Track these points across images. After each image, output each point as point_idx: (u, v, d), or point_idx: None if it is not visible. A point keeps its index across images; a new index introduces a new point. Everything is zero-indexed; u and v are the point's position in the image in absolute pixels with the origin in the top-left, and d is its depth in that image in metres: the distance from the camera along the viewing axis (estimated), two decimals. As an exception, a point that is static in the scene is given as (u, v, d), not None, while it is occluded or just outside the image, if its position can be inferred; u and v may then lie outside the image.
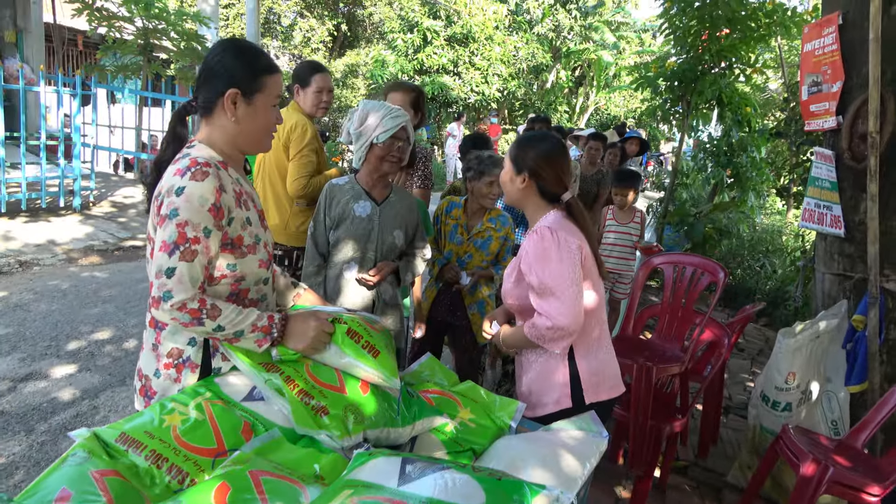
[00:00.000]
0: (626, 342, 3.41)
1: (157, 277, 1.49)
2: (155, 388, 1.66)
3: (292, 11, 22.22)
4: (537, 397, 2.08)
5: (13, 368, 3.58)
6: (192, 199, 1.49)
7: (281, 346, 1.66)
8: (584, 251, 1.98)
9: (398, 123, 2.45)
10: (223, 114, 1.62)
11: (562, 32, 19.82)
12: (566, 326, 1.88)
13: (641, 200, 15.97)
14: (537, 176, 2.02)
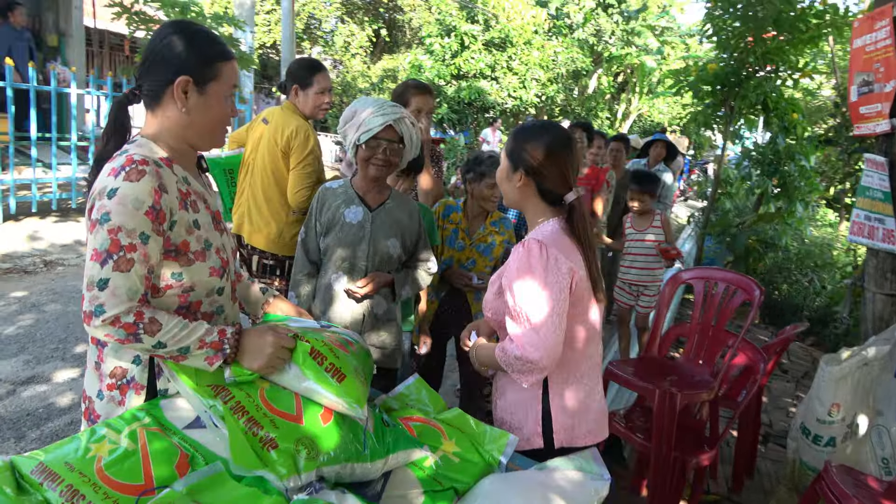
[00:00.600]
0: (651, 363, 3.14)
1: (88, 290, 1.33)
2: (98, 411, 1.50)
3: (333, 17, 22.41)
4: (509, 427, 1.85)
5: (16, 371, 3.51)
6: (126, 202, 1.33)
7: (236, 365, 1.48)
8: (576, 276, 1.71)
9: (382, 122, 2.23)
10: (172, 104, 1.46)
11: (603, 37, 19.41)
12: (536, 361, 1.63)
13: (683, 209, 15.50)
14: (536, 173, 1.76)
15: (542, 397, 1.78)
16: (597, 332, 1.86)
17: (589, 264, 1.76)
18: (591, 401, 1.84)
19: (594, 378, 1.86)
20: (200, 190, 1.56)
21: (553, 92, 15.99)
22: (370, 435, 1.55)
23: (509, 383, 1.84)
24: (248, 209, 3.03)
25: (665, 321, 3.27)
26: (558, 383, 1.79)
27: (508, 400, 1.86)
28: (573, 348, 1.77)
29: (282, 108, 3.01)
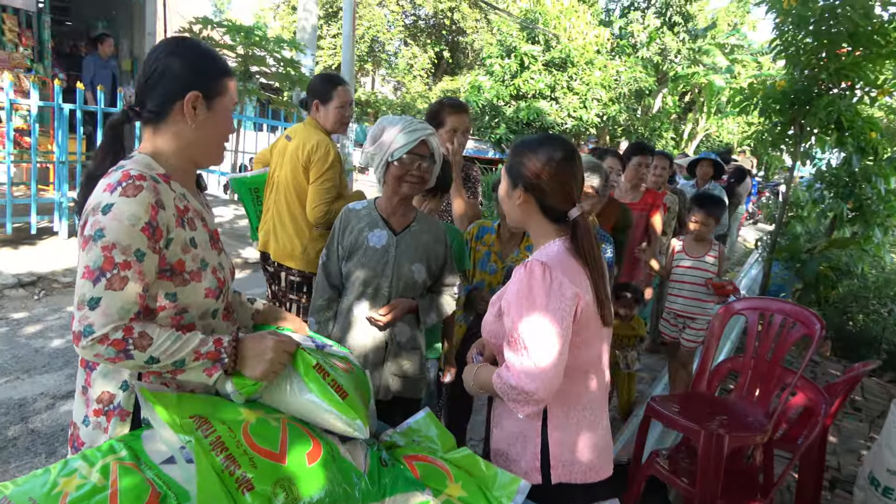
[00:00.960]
0: (698, 400, 2.90)
1: (78, 309, 1.27)
2: (83, 437, 1.45)
3: (397, 39, 22.83)
4: (505, 460, 1.72)
5: (58, 385, 3.59)
6: (122, 218, 1.28)
7: (237, 377, 1.40)
8: (581, 301, 1.57)
9: (417, 137, 2.15)
10: (180, 120, 1.42)
11: (668, 56, 18.96)
12: (531, 392, 1.50)
13: (751, 232, 14.80)
14: (536, 189, 1.63)
15: (542, 429, 1.65)
16: (603, 362, 1.73)
17: (597, 287, 1.62)
18: (593, 435, 1.70)
19: (598, 410, 1.72)
20: (199, 207, 1.51)
21: (615, 112, 15.67)
22: (363, 476, 1.44)
23: (506, 412, 1.72)
24: (273, 226, 3.04)
25: (715, 354, 3.03)
26: (558, 415, 1.66)
27: (506, 430, 1.74)
28: (575, 378, 1.64)
29: (304, 125, 3.01)
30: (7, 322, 4.48)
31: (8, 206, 5.86)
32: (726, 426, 2.55)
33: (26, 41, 8.60)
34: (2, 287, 5.08)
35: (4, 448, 2.94)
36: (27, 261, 5.70)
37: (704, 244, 3.95)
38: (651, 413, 2.72)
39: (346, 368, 1.57)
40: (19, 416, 3.23)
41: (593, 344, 1.66)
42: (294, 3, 22.04)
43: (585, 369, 1.67)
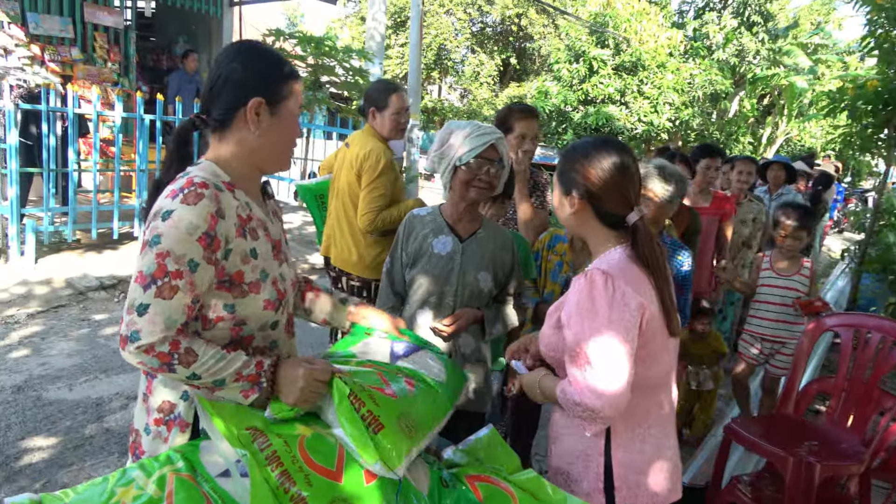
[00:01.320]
0: (784, 424, 2.69)
1: (127, 312, 1.26)
2: (144, 446, 1.45)
3: (464, 47, 22.90)
4: (566, 479, 1.61)
5: (133, 385, 3.70)
6: (180, 226, 1.26)
7: (275, 401, 1.37)
8: (646, 312, 1.46)
9: (485, 141, 2.07)
10: (244, 127, 1.40)
11: (746, 57, 18.21)
12: (597, 409, 1.40)
13: (836, 242, 13.96)
14: (591, 195, 1.53)
15: (605, 448, 1.54)
16: (670, 376, 1.60)
17: (662, 295, 1.51)
18: (660, 455, 1.57)
19: (666, 429, 1.60)
20: (262, 217, 1.47)
21: (688, 116, 15.15)
22: (423, 498, 1.37)
23: (566, 428, 1.62)
24: (333, 232, 3.09)
25: (804, 374, 2.80)
26: (622, 433, 1.54)
27: (565, 447, 1.63)
28: (642, 394, 1.51)
29: (362, 132, 3.03)
30: (89, 323, 4.69)
31: (94, 212, 6.15)
32: (817, 453, 2.35)
33: (114, 56, 9.08)
34: (86, 289, 5.33)
35: (81, 446, 3.04)
36: (109, 264, 5.97)
37: (794, 261, 3.48)
38: (732, 435, 2.53)
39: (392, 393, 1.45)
40: (96, 414, 3.34)
41: (660, 357, 1.55)
42: (363, 13, 22.49)
43: (652, 384, 1.56)
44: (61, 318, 4.74)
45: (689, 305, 2.59)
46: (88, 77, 8.55)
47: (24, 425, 3.16)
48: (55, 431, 3.14)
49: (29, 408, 3.34)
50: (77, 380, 3.72)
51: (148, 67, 10.80)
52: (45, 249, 5.99)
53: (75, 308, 4.97)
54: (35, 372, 3.76)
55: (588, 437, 1.54)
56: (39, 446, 3.00)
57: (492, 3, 21.52)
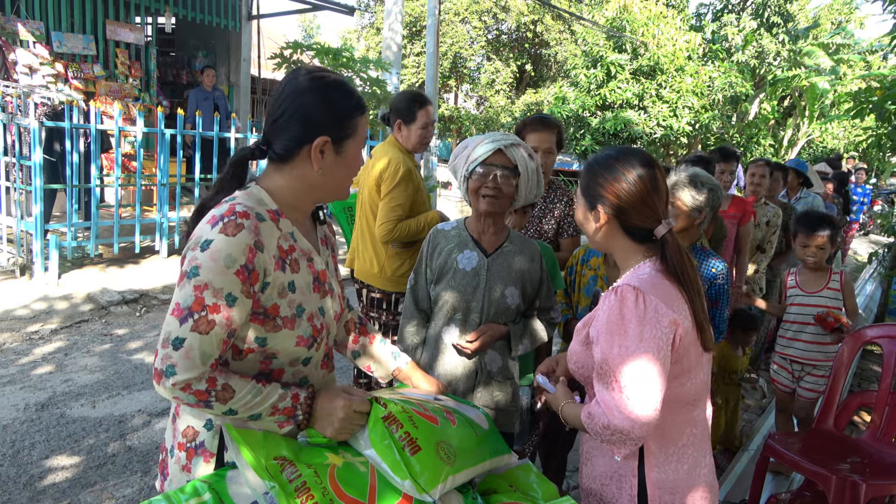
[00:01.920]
0: (824, 440, 2.59)
1: (162, 346, 1.22)
2: (170, 469, 1.41)
3: (479, 55, 22.90)
4: (599, 501, 1.56)
5: (154, 402, 3.68)
6: (218, 258, 1.21)
7: (310, 429, 1.34)
8: (679, 329, 1.39)
9: (490, 148, 2.00)
10: (306, 164, 1.34)
11: (766, 59, 17.96)
12: (627, 430, 1.35)
13: (863, 245, 13.65)
14: (618, 210, 1.47)
15: (638, 469, 1.48)
16: (705, 393, 1.54)
17: (695, 309, 1.44)
18: (696, 474, 1.51)
19: (701, 447, 1.54)
20: (307, 248, 1.41)
21: (707, 119, 14.96)
22: (457, 528, 1.31)
23: (598, 448, 1.57)
24: (357, 244, 3.08)
25: (843, 388, 2.70)
26: (656, 453, 1.48)
27: (598, 468, 1.58)
28: (676, 412, 1.47)
29: (384, 143, 3.00)
30: (111, 338, 4.70)
31: (115, 226, 6.20)
32: (861, 471, 2.25)
33: (135, 72, 9.19)
34: (108, 304, 5.35)
35: (104, 464, 3.02)
36: (131, 278, 6.00)
37: (821, 274, 3.20)
38: (770, 452, 2.44)
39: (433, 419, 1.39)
40: (118, 432, 3.32)
41: (694, 373, 1.49)
42: (379, 24, 22.60)
43: (686, 402, 1.50)
44: (84, 333, 4.76)
45: (724, 320, 2.50)
46: (110, 93, 8.65)
47: (48, 444, 3.16)
48: (78, 450, 3.13)
49: (53, 426, 3.33)
50: (100, 397, 3.71)
51: (168, 82, 10.92)
52: (69, 265, 6.04)
53: (98, 323, 4.99)
54: (58, 389, 3.76)
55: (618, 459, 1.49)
56: (63, 465, 2.99)
57: (507, 10, 21.50)
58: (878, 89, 6.20)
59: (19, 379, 3.86)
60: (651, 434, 1.40)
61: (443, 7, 17.27)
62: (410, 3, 20.25)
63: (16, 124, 5.74)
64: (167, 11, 9.25)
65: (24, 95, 6.22)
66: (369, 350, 1.75)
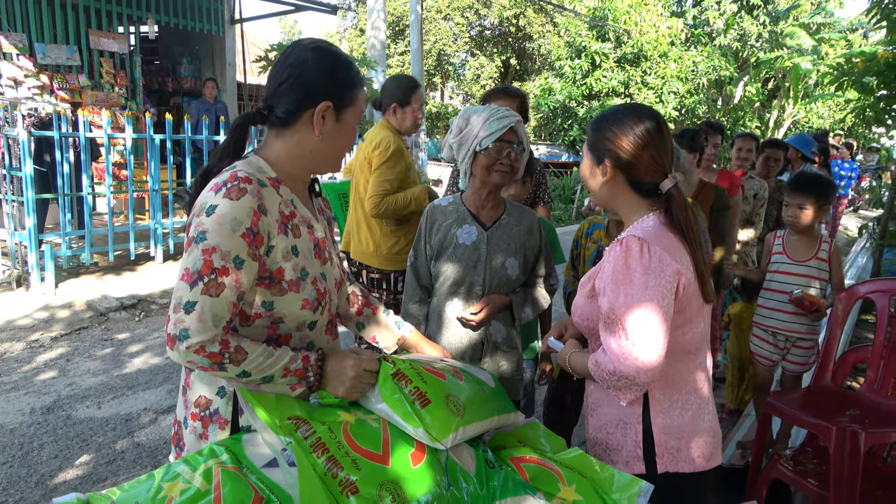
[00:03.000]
0: (824, 395, 2.64)
1: (174, 311, 1.24)
2: (185, 440, 1.43)
3: (463, 51, 22.93)
4: (604, 449, 1.61)
5: (160, 400, 3.70)
6: (224, 222, 1.24)
7: (321, 391, 1.38)
8: (682, 278, 1.44)
9: (505, 124, 2.05)
10: (307, 129, 1.38)
11: (748, 41, 18.09)
12: (633, 376, 1.39)
13: (852, 221, 13.78)
14: (623, 163, 1.49)
15: (643, 415, 1.53)
16: (706, 342, 1.59)
17: (696, 261, 1.49)
18: (700, 421, 1.56)
19: (703, 394, 1.58)
20: (307, 215, 1.45)
21: (693, 104, 15.08)
22: (471, 478, 1.34)
23: (604, 398, 1.61)
24: (352, 226, 3.14)
25: (838, 345, 2.75)
26: (661, 400, 1.53)
27: (603, 417, 1.62)
28: (679, 360, 1.51)
29: (376, 126, 3.06)
30: (112, 343, 4.70)
31: (110, 235, 6.19)
32: (860, 422, 2.30)
33: (121, 81, 9.17)
34: (107, 310, 5.36)
35: (114, 461, 3.04)
36: (128, 285, 6.00)
37: (810, 242, 2.98)
38: (771, 410, 2.49)
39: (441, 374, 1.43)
40: (126, 430, 3.34)
41: (695, 323, 1.53)
42: (361, 25, 22.61)
43: (688, 350, 1.54)
44: (84, 339, 4.76)
45: None
46: (97, 102, 8.64)
47: (57, 444, 3.17)
48: (87, 449, 3.14)
49: (60, 427, 3.35)
50: (105, 398, 3.73)
51: (154, 90, 10.90)
52: (65, 274, 6.04)
53: (97, 329, 4.99)
54: (63, 392, 3.77)
55: (624, 405, 1.53)
56: (73, 464, 3.00)
57: (489, 5, 21.54)
58: (860, 62, 6.28)
59: (23, 385, 3.87)
60: (655, 380, 1.44)
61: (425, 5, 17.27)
62: (392, 3, 20.26)
63: (4, 136, 5.73)
64: (150, 19, 9.24)
65: (12, 107, 6.21)
66: (374, 319, 1.78)
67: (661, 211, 1.52)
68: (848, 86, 6.36)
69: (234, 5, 10.66)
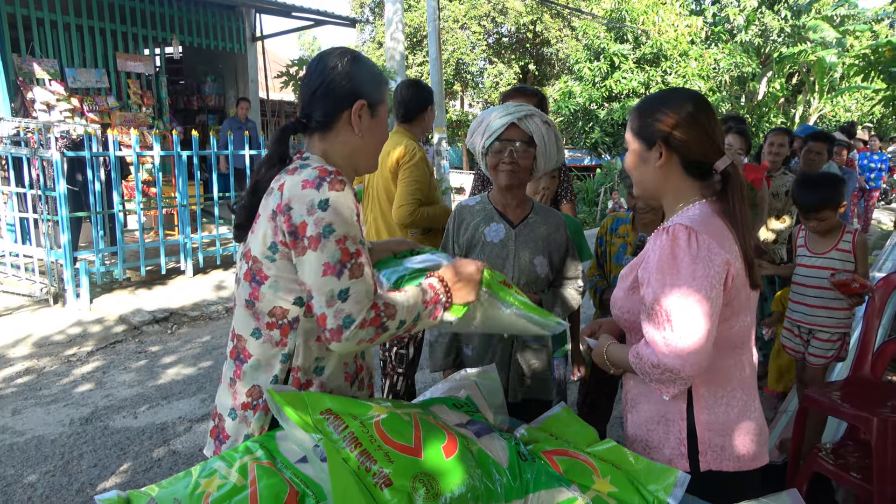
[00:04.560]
0: (863, 386, 2.58)
1: (329, 305, 1.29)
2: (228, 431, 1.46)
3: (481, 59, 22.99)
4: (644, 447, 1.55)
5: (193, 409, 3.76)
6: (343, 211, 1.31)
7: (453, 307, 1.48)
8: (731, 269, 1.38)
9: (504, 122, 2.02)
10: (347, 129, 1.47)
11: (770, 36, 17.85)
12: (677, 370, 1.34)
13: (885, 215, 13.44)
14: (678, 142, 1.43)
15: (687, 412, 1.48)
16: (751, 335, 1.53)
17: (745, 248, 1.43)
18: (745, 417, 1.49)
19: (749, 390, 1.52)
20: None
21: (715, 101, 14.90)
22: (504, 471, 1.34)
23: (644, 394, 1.56)
24: (371, 232, 3.14)
25: (877, 335, 2.69)
26: (705, 395, 1.47)
27: (643, 414, 1.56)
28: (725, 354, 1.45)
29: (393, 133, 3.04)
30: (146, 355, 4.79)
31: (141, 250, 6.32)
32: (903, 412, 2.24)
33: (147, 101, 9.38)
34: (140, 323, 5.46)
35: (151, 468, 3.09)
36: (160, 299, 6.11)
37: (831, 234, 2.90)
38: (809, 403, 2.44)
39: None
40: (162, 438, 3.40)
41: (742, 315, 1.47)
42: (379, 38, 22.80)
43: (735, 343, 1.48)
44: (119, 353, 4.86)
45: None
46: (125, 123, 8.85)
47: (95, 453, 3.24)
48: (125, 458, 3.20)
49: (98, 437, 3.42)
50: (140, 408, 3.79)
51: (180, 109, 11.13)
52: (98, 290, 6.17)
53: (132, 343, 5.09)
54: (100, 404, 3.85)
55: (667, 401, 1.48)
56: (112, 472, 3.06)
57: (505, 13, 21.58)
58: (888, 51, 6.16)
59: (62, 398, 3.96)
60: (700, 374, 1.39)
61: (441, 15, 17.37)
62: (410, 14, 20.43)
63: (38, 158, 5.89)
64: (174, 40, 9.44)
65: (45, 130, 6.39)
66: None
67: (711, 198, 1.48)
68: (875, 76, 6.25)
69: (254, 23, 10.85)
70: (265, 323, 1.40)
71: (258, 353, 1.41)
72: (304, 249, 1.31)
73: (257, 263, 1.39)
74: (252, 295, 1.41)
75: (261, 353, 1.41)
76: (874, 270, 6.66)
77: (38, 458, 3.20)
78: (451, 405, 1.55)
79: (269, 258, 1.37)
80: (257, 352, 1.41)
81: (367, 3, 24.00)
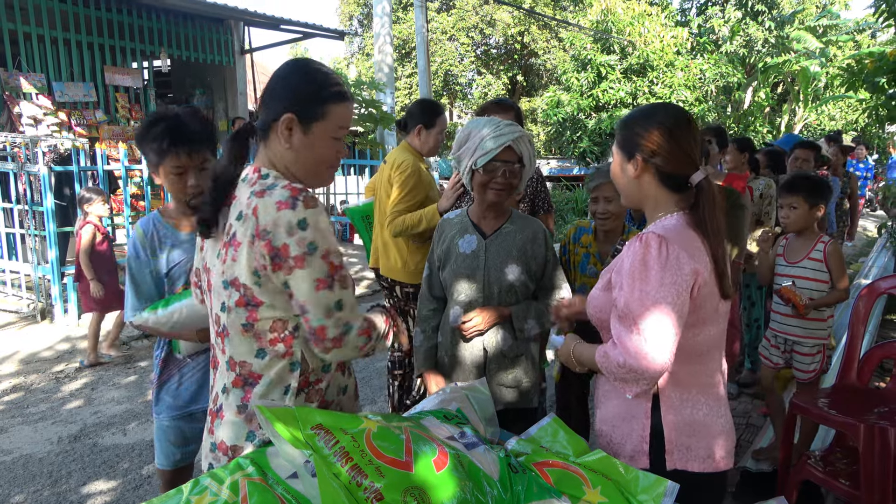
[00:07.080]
0: (850, 393, 2.60)
1: (327, 317, 1.35)
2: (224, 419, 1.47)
3: (470, 71, 23.14)
4: (608, 443, 1.62)
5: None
6: (321, 227, 1.35)
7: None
8: (699, 278, 1.44)
9: (500, 143, 2.05)
10: (276, 139, 1.42)
11: (755, 47, 18.08)
12: (642, 370, 1.40)
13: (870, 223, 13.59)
14: (655, 156, 1.50)
15: (652, 412, 1.53)
16: (719, 346, 1.58)
17: (716, 258, 1.48)
18: (713, 420, 1.54)
19: (716, 394, 1.57)
20: None
21: (702, 111, 15.05)
22: (495, 483, 1.34)
23: (611, 392, 1.62)
24: (378, 244, 3.25)
25: (862, 342, 2.72)
26: (672, 397, 1.52)
27: (610, 411, 1.62)
28: (692, 358, 1.51)
29: (398, 148, 3.15)
30: (135, 370, 4.76)
31: (129, 264, 6.28)
32: (888, 418, 2.26)
33: (136, 115, 9.37)
34: (129, 339, 5.42)
35: (141, 486, 3.06)
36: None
37: (807, 242, 2.88)
38: (797, 410, 2.46)
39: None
40: (151, 455, 3.35)
41: (708, 326, 1.52)
42: (368, 50, 22.92)
43: (700, 351, 1.53)
44: (108, 368, 4.82)
45: None
46: (113, 136, 8.82)
47: (84, 471, 3.20)
48: (114, 475, 3.17)
49: (87, 454, 3.38)
50: (129, 424, 3.76)
51: (168, 123, 11.08)
52: (87, 305, 6.12)
53: (120, 358, 5.05)
54: (89, 421, 3.82)
55: (630, 399, 1.53)
56: (100, 490, 3.03)
57: (492, 24, 21.77)
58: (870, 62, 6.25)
59: (50, 415, 3.92)
60: (661, 375, 1.44)
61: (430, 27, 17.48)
62: (398, 26, 20.56)
63: (26, 172, 5.86)
64: (162, 53, 9.45)
65: (32, 144, 6.36)
66: None
67: (687, 210, 1.53)
68: (859, 86, 6.34)
69: (243, 36, 10.88)
70: (268, 340, 1.41)
71: (267, 372, 1.42)
72: (292, 269, 1.32)
73: (248, 290, 1.38)
74: (249, 318, 1.40)
75: (270, 370, 1.42)
76: (860, 277, 6.74)
77: (26, 476, 3.17)
78: (442, 417, 1.56)
79: (256, 284, 1.36)
80: (266, 371, 1.42)
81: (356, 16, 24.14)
